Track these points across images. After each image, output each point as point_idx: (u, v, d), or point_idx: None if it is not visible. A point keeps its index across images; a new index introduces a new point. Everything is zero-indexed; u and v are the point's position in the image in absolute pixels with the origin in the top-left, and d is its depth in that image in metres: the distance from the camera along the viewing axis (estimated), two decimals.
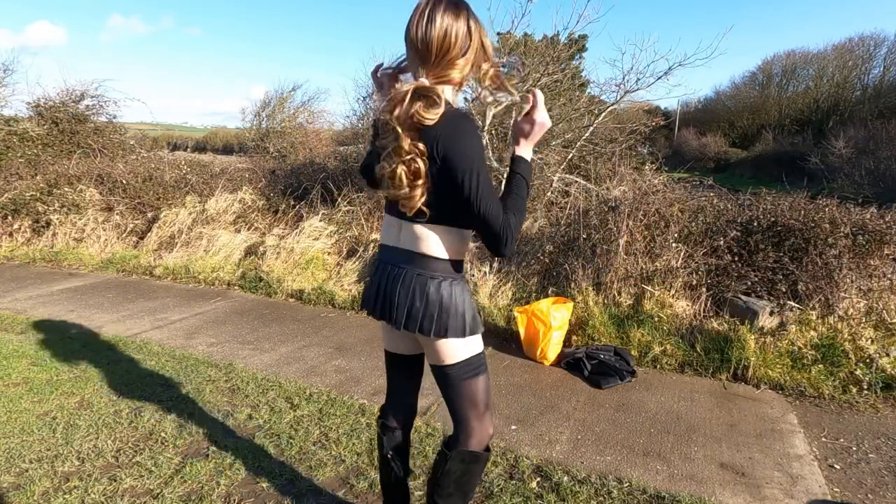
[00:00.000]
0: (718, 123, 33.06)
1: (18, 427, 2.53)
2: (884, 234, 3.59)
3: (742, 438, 2.57)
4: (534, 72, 5.86)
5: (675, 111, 29.10)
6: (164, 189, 6.96)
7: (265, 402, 2.83)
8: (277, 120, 12.59)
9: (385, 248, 1.40)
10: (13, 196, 6.93)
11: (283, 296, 4.93)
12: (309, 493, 2.09)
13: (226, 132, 36.94)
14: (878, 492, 2.19)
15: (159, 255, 6.03)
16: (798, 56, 31.90)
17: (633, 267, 3.94)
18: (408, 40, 1.22)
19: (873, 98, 26.72)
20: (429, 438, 2.47)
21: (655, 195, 4.35)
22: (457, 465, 1.41)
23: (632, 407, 2.87)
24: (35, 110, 9.40)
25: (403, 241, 1.33)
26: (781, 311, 3.44)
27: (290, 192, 6.80)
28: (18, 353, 3.42)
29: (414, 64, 1.25)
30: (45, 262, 6.27)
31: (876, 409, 2.87)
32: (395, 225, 1.36)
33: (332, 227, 5.69)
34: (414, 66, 1.25)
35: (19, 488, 2.08)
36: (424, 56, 1.19)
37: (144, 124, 20.12)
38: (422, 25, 1.17)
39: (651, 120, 7.53)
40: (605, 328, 3.64)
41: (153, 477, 2.16)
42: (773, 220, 3.77)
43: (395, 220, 1.35)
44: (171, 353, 3.52)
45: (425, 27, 1.16)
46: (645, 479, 2.20)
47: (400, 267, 1.32)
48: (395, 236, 1.35)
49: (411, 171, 1.20)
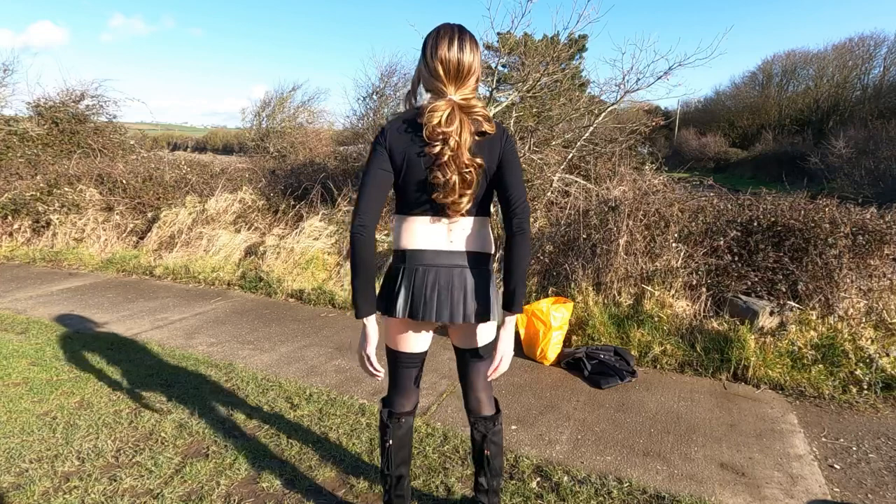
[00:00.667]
0: (718, 123, 33.05)
1: (18, 427, 2.53)
2: (884, 234, 3.59)
3: (742, 438, 2.57)
4: (534, 71, 5.86)
5: (675, 111, 29.13)
6: (164, 189, 6.97)
7: (265, 402, 2.83)
8: (277, 120, 12.59)
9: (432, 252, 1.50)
10: (13, 196, 6.93)
11: (283, 296, 4.93)
12: (309, 493, 2.09)
13: (226, 132, 36.97)
14: (878, 492, 2.19)
15: (159, 255, 6.03)
16: (798, 56, 31.91)
17: (633, 267, 3.94)
18: (435, 60, 1.41)
19: (873, 98, 26.71)
20: (429, 438, 2.47)
21: (655, 195, 4.35)
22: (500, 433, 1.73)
23: (632, 407, 2.87)
24: (35, 110, 9.41)
25: (459, 243, 1.51)
26: (781, 311, 3.44)
27: (290, 192, 6.81)
28: (18, 353, 3.42)
29: (434, 81, 1.43)
30: (45, 262, 6.28)
31: (876, 409, 2.87)
32: (442, 230, 1.50)
33: (332, 227, 5.69)
34: (434, 83, 1.44)
35: (19, 488, 2.08)
36: (454, 75, 1.41)
37: (144, 124, 20.11)
38: (453, 50, 1.40)
39: (651, 120, 7.53)
40: (605, 328, 3.64)
41: (153, 477, 2.16)
42: (773, 220, 3.76)
43: (437, 225, 1.50)
44: (171, 353, 3.52)
45: (457, 52, 1.40)
46: (645, 479, 2.20)
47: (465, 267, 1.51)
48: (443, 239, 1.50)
49: (466, 180, 1.41)
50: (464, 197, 1.43)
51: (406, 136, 1.43)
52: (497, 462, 1.73)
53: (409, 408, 1.72)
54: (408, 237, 1.51)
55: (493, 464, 1.71)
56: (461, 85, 1.43)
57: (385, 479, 1.74)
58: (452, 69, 1.40)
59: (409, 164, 1.43)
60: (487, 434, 1.69)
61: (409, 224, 1.51)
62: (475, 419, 1.71)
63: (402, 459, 1.73)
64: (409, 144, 1.42)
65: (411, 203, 1.48)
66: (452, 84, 1.42)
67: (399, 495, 1.75)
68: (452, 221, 1.49)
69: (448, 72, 1.41)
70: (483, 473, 1.73)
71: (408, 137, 1.43)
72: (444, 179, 1.40)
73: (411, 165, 1.43)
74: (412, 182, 1.45)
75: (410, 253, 1.50)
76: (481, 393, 1.69)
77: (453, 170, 1.39)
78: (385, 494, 1.77)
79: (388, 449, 1.69)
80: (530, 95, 6.18)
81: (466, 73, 1.42)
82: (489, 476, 1.73)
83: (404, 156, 1.43)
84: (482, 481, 1.74)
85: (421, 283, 1.50)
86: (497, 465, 1.73)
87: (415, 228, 1.50)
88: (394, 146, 1.43)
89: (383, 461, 1.72)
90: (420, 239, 1.50)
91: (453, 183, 1.40)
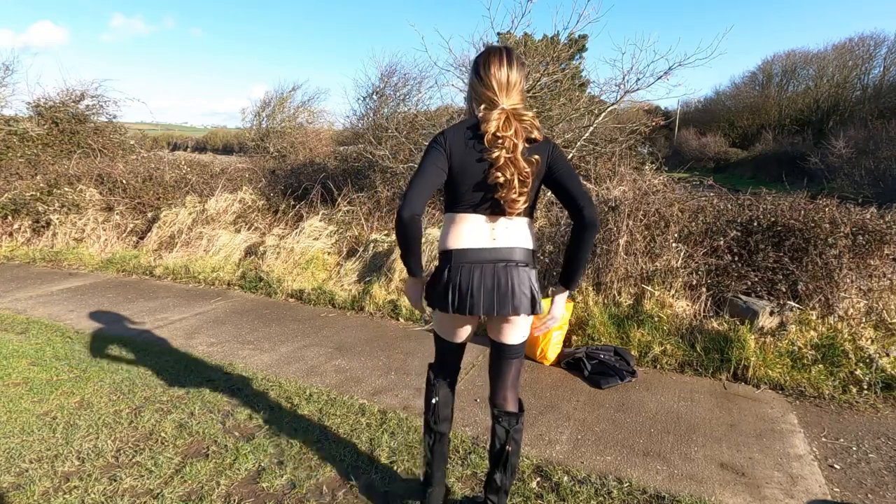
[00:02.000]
0: (718, 123, 33.03)
1: (18, 427, 2.53)
2: (884, 234, 3.59)
3: (742, 438, 2.57)
4: (534, 71, 5.86)
5: (675, 111, 29.10)
6: (164, 189, 6.97)
7: (265, 402, 2.83)
8: (277, 120, 12.58)
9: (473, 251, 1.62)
10: (13, 196, 6.93)
11: (283, 296, 4.93)
12: (309, 493, 2.09)
13: (226, 132, 36.96)
14: (878, 492, 2.19)
15: (159, 255, 6.03)
16: (798, 56, 31.88)
17: (633, 267, 3.94)
18: (488, 76, 1.59)
19: (873, 98, 26.69)
20: None
21: (655, 195, 4.35)
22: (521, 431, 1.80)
23: (632, 407, 2.87)
24: (35, 110, 9.41)
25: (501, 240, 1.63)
26: (781, 311, 3.44)
27: (290, 192, 6.81)
28: (18, 353, 3.42)
29: (488, 92, 1.60)
30: (45, 262, 6.28)
31: (876, 409, 2.87)
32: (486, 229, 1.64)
33: (332, 227, 5.69)
34: (487, 94, 1.60)
35: (19, 488, 2.08)
36: (506, 89, 1.59)
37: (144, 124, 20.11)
38: (504, 68, 1.59)
39: (651, 120, 7.52)
40: (605, 328, 3.64)
41: (153, 477, 2.16)
42: (773, 220, 3.76)
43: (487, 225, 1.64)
44: (171, 352, 3.52)
45: (507, 69, 1.59)
46: (645, 479, 2.20)
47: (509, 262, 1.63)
48: (487, 238, 1.63)
49: (523, 180, 1.56)
50: (522, 196, 1.58)
51: (467, 140, 1.58)
52: (514, 460, 1.79)
53: (451, 379, 1.91)
54: (454, 236, 1.64)
55: (511, 461, 1.77)
56: (510, 96, 1.60)
57: (429, 433, 1.88)
58: (505, 84, 1.59)
59: (466, 165, 1.58)
60: (510, 431, 1.76)
61: (457, 221, 1.65)
62: (499, 413, 1.78)
63: (445, 417, 1.88)
64: (469, 147, 1.58)
65: (464, 202, 1.62)
66: (502, 96, 1.59)
67: (441, 452, 1.89)
68: (496, 221, 1.63)
69: (501, 85, 1.59)
70: (500, 470, 1.78)
71: (468, 141, 1.58)
72: (504, 179, 1.54)
73: (469, 166, 1.58)
74: (468, 182, 1.59)
75: (456, 252, 1.63)
76: (509, 391, 1.80)
77: (512, 171, 1.54)
78: (427, 453, 1.89)
79: (434, 406, 1.85)
80: (530, 95, 6.17)
81: (514, 85, 1.61)
82: (504, 474, 1.78)
83: (462, 157, 1.58)
84: (496, 478, 1.79)
85: (467, 280, 1.60)
86: (514, 463, 1.79)
87: (462, 226, 1.64)
88: (454, 148, 1.58)
89: (429, 416, 1.87)
90: (465, 238, 1.63)
91: (513, 182, 1.54)
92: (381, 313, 4.45)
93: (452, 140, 1.59)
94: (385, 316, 4.41)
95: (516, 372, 1.79)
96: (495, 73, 1.59)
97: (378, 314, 4.45)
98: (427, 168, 1.57)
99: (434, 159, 1.58)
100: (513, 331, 1.73)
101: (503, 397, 1.79)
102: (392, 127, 6.43)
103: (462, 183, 1.60)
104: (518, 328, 1.73)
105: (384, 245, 5.09)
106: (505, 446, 1.76)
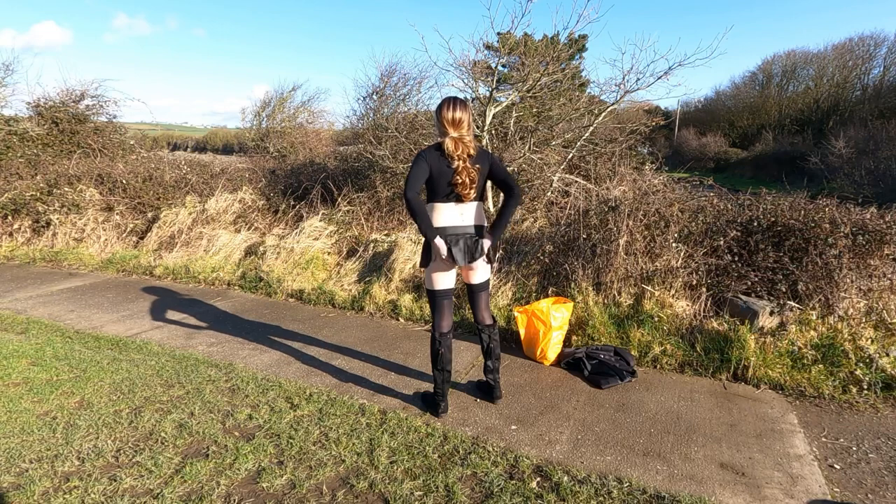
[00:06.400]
0: (718, 123, 33.05)
1: (18, 427, 2.53)
2: (884, 234, 3.58)
3: (742, 438, 2.57)
4: (534, 71, 5.86)
5: (675, 111, 29.15)
6: (164, 189, 6.96)
7: (265, 402, 2.83)
8: (277, 120, 12.59)
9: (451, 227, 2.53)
10: (13, 196, 6.93)
11: (283, 296, 4.93)
12: (309, 493, 2.09)
13: (226, 132, 36.97)
14: (878, 492, 2.19)
15: (159, 255, 6.03)
16: (798, 56, 31.90)
17: (633, 267, 3.94)
18: (442, 116, 2.47)
19: (873, 98, 26.70)
20: (429, 438, 2.47)
21: (655, 195, 4.35)
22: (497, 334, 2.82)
23: (632, 407, 2.87)
24: (35, 110, 9.41)
25: (466, 220, 2.56)
26: (781, 311, 3.44)
27: (290, 192, 6.80)
28: (18, 353, 3.42)
29: (442, 129, 2.49)
30: (45, 262, 6.28)
31: (876, 409, 2.87)
32: (457, 212, 2.54)
33: (332, 227, 5.69)
34: (441, 130, 2.50)
35: (19, 488, 2.08)
36: (454, 125, 2.47)
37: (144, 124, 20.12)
38: (450, 111, 2.46)
39: (651, 120, 7.53)
40: (605, 328, 3.64)
41: (153, 477, 2.16)
42: (773, 220, 3.76)
43: (457, 209, 2.54)
44: (171, 353, 3.52)
45: (454, 112, 2.46)
46: (645, 479, 2.20)
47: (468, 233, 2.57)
48: (459, 219, 2.54)
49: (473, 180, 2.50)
50: (472, 189, 2.52)
51: (437, 156, 2.46)
52: (497, 350, 2.79)
53: (448, 328, 2.68)
54: (437, 218, 2.53)
55: (495, 351, 2.78)
56: (458, 129, 2.47)
57: (440, 373, 2.64)
58: (451, 120, 2.47)
59: (440, 172, 2.46)
60: (491, 335, 2.77)
61: (438, 208, 2.53)
62: (482, 327, 2.77)
63: (449, 360, 2.66)
64: (439, 160, 2.46)
65: (440, 194, 2.51)
66: (453, 128, 2.47)
67: (447, 379, 2.69)
68: (460, 205, 2.54)
69: (450, 122, 2.47)
70: (490, 358, 2.79)
71: (438, 156, 2.46)
72: (461, 180, 2.46)
73: (441, 173, 2.46)
74: (442, 182, 2.48)
75: (440, 228, 2.51)
76: (484, 311, 2.78)
77: (465, 175, 2.46)
78: (439, 385, 2.67)
79: (442, 355, 2.62)
80: (530, 95, 6.18)
81: (460, 122, 2.47)
82: (493, 359, 2.79)
83: (437, 166, 2.45)
84: (489, 363, 2.80)
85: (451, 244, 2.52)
86: (497, 351, 2.79)
87: (441, 211, 2.53)
88: (431, 161, 2.46)
89: (439, 362, 2.63)
90: (445, 218, 2.53)
91: (466, 182, 2.47)
92: (381, 313, 4.45)
93: (429, 156, 2.46)
94: (385, 316, 4.42)
95: (486, 299, 2.78)
96: (446, 115, 2.46)
97: (378, 314, 4.45)
98: (417, 171, 2.43)
99: (421, 166, 2.44)
100: (477, 273, 2.69)
101: (482, 317, 2.78)
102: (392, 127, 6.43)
103: (438, 182, 2.48)
104: (480, 271, 2.69)
105: (384, 245, 5.09)
106: (489, 344, 2.76)
